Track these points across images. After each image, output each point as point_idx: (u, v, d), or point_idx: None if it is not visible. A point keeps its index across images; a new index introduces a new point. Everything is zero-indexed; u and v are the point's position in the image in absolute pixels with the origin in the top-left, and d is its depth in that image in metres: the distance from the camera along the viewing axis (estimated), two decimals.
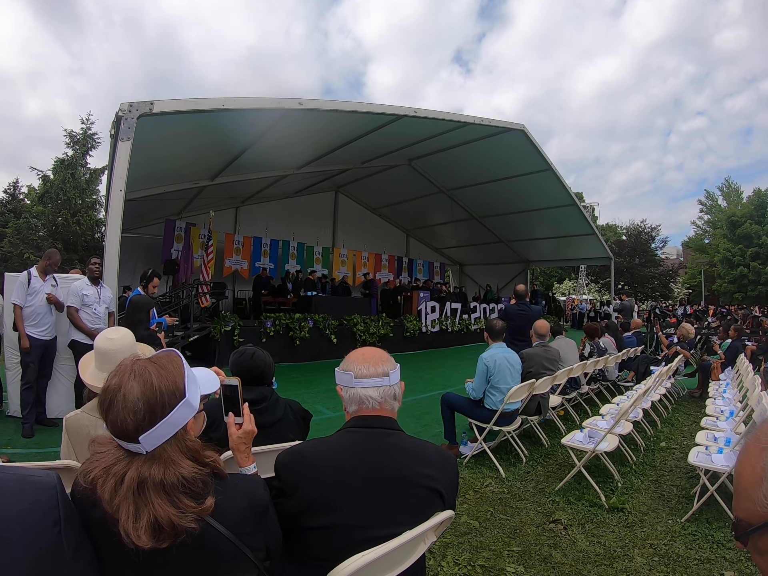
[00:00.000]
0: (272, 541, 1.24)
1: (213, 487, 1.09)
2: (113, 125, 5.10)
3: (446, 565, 2.66)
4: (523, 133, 10.77)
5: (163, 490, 1.02)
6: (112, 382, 1.08)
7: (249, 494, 1.17)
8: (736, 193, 39.35)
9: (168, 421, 1.06)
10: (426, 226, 18.92)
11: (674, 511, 3.43)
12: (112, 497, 0.99)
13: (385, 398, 1.49)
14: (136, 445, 1.03)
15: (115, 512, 0.97)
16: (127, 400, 1.03)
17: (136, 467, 1.02)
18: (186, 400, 1.10)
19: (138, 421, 1.03)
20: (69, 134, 19.59)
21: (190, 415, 1.13)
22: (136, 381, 1.06)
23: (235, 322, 9.52)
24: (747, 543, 0.80)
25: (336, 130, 9.16)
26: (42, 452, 4.21)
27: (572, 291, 37.15)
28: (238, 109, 6.34)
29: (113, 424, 1.04)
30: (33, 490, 0.91)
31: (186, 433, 1.13)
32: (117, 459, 1.04)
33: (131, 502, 0.99)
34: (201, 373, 1.29)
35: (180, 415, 1.09)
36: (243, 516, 1.13)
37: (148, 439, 1.03)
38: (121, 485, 1.00)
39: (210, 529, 1.05)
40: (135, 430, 1.02)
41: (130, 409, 1.03)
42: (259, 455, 2.00)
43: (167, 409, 1.06)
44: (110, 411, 1.04)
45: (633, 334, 8.85)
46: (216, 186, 10.82)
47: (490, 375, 4.29)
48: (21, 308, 4.62)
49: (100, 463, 1.04)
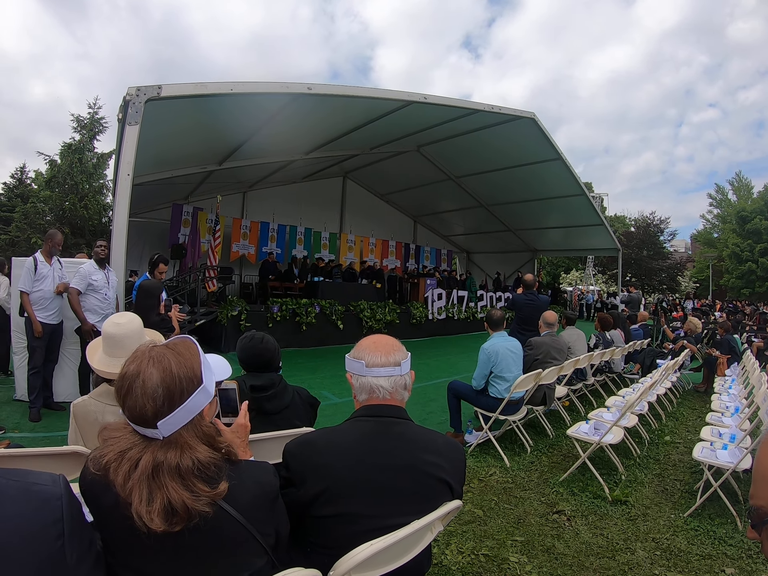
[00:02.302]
0: (282, 527, 1.25)
1: (226, 472, 1.10)
2: (121, 109, 5.06)
3: (450, 554, 2.68)
4: (533, 121, 10.61)
5: (178, 474, 1.03)
6: (129, 369, 1.08)
7: (260, 480, 1.19)
8: (746, 187, 38.76)
9: (186, 407, 1.07)
10: (434, 213, 18.81)
11: (677, 505, 3.44)
12: (126, 481, 0.99)
13: (396, 388, 1.49)
14: (154, 430, 1.04)
15: (127, 496, 0.98)
16: (147, 386, 1.04)
17: (152, 452, 1.03)
18: (203, 387, 1.12)
19: (157, 406, 1.03)
20: (76, 119, 19.46)
21: (206, 401, 1.14)
22: (155, 367, 1.07)
23: (242, 306, 9.54)
24: (762, 531, 0.79)
25: (344, 116, 9.07)
26: (49, 436, 4.24)
27: (579, 281, 36.94)
28: (247, 94, 6.26)
29: (131, 409, 1.04)
30: (37, 501, 0.88)
31: (202, 418, 1.14)
32: (132, 444, 1.05)
33: (145, 486, 0.99)
34: (213, 359, 1.30)
35: (197, 401, 1.10)
36: (254, 501, 1.14)
37: (166, 424, 1.04)
38: (135, 469, 1.00)
39: (223, 513, 1.06)
40: (154, 416, 1.03)
41: (149, 395, 1.03)
42: (266, 441, 2.01)
43: (185, 395, 1.08)
44: (128, 397, 1.05)
45: (640, 327, 8.82)
46: (223, 171, 10.78)
47: (492, 365, 4.28)
48: (28, 294, 4.62)
49: (114, 447, 1.04)
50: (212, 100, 6.19)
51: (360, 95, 7.63)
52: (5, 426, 4.39)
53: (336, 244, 16.16)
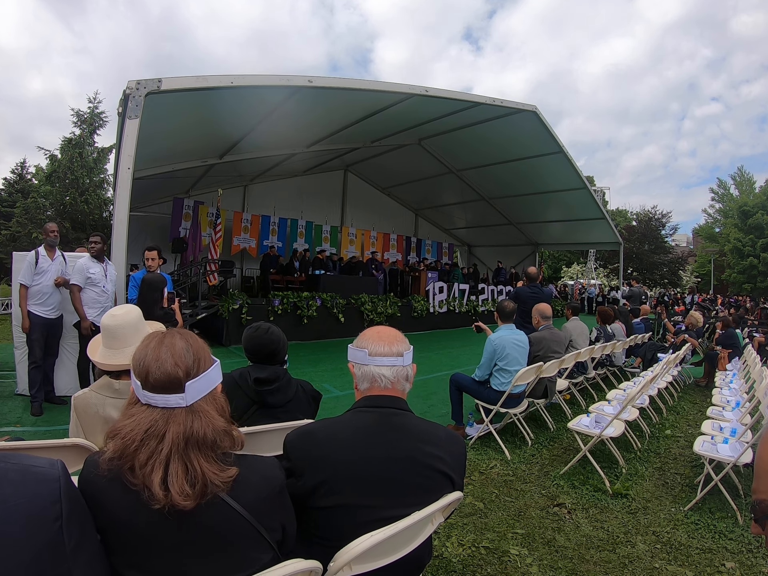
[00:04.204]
0: (289, 523, 1.23)
1: (235, 459, 1.10)
2: (121, 103, 5.04)
3: (450, 546, 2.69)
4: (535, 114, 10.57)
5: (205, 445, 1.03)
6: (150, 344, 1.09)
7: (266, 475, 1.16)
8: (748, 182, 38.61)
9: (208, 375, 1.10)
10: (435, 207, 18.79)
11: (677, 499, 3.44)
12: (149, 457, 0.98)
13: (398, 378, 1.49)
14: (179, 396, 1.04)
15: (148, 474, 0.97)
16: (176, 349, 1.07)
17: (178, 422, 1.02)
18: (217, 364, 1.16)
19: (188, 365, 1.06)
20: (76, 113, 19.38)
21: (220, 378, 1.17)
22: (178, 338, 1.11)
23: (243, 300, 9.55)
24: (766, 526, 0.78)
25: (346, 109, 9.03)
26: (51, 430, 4.26)
27: (581, 275, 36.89)
28: (247, 87, 6.24)
29: (161, 371, 1.04)
30: (35, 482, 0.87)
31: (217, 393, 1.16)
32: (153, 420, 1.03)
33: (175, 459, 0.99)
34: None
35: (215, 373, 1.14)
36: (260, 496, 1.12)
37: (193, 387, 1.05)
38: (161, 443, 1.00)
39: (227, 508, 1.04)
40: (186, 374, 1.05)
41: (179, 355, 1.06)
42: (269, 433, 2.01)
43: (208, 364, 1.11)
44: (156, 364, 1.05)
45: (641, 321, 8.81)
46: (224, 164, 10.77)
47: (498, 357, 4.28)
48: (27, 288, 4.62)
49: (137, 430, 1.01)
50: (213, 93, 6.16)
51: (361, 88, 7.60)
52: (8, 420, 4.40)
53: (337, 238, 16.16)
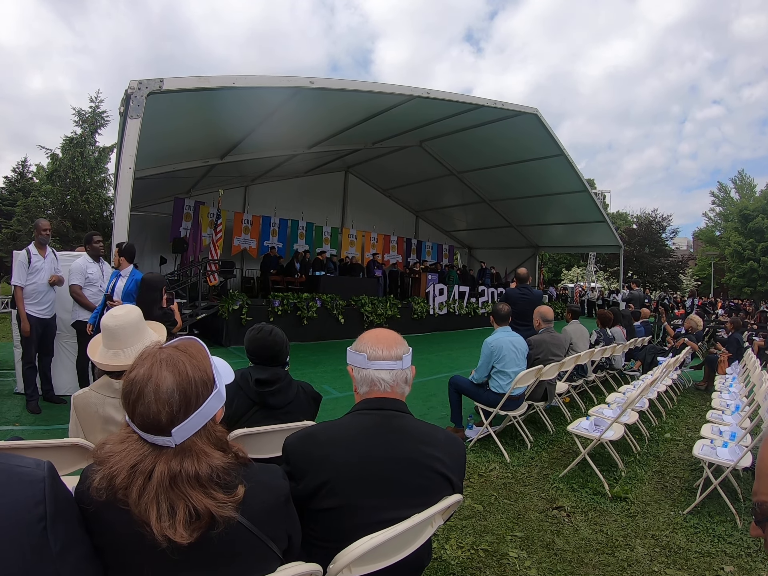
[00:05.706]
0: (295, 532, 1.20)
1: (239, 475, 1.05)
2: (122, 103, 5.05)
3: (449, 548, 2.68)
4: (536, 117, 10.58)
5: (198, 483, 0.97)
6: (139, 372, 1.00)
7: (271, 485, 1.13)
8: (749, 186, 38.77)
9: (201, 412, 1.01)
10: (436, 209, 18.80)
11: (677, 502, 3.44)
12: (140, 495, 0.93)
13: (397, 381, 1.49)
14: (166, 438, 0.97)
15: (143, 512, 0.92)
16: (161, 391, 0.97)
17: (165, 461, 0.97)
18: (218, 390, 1.06)
19: (173, 412, 0.97)
20: (77, 112, 19.46)
21: (219, 405, 1.09)
22: (168, 370, 1.00)
23: (243, 300, 9.57)
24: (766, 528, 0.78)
25: (347, 110, 9.04)
26: (50, 429, 4.26)
27: (581, 278, 36.89)
28: (249, 87, 6.26)
29: (144, 416, 0.97)
30: (18, 483, 0.84)
31: (214, 423, 1.09)
32: (141, 456, 0.97)
33: (164, 498, 0.93)
34: (218, 362, 1.25)
35: (212, 405, 1.04)
36: (266, 507, 1.09)
37: (180, 431, 0.97)
38: (149, 481, 0.94)
39: (232, 521, 1.00)
40: (169, 423, 0.96)
41: (164, 401, 0.96)
42: (270, 434, 2.01)
43: (201, 400, 1.01)
44: (139, 403, 0.97)
45: (641, 324, 8.80)
46: (225, 164, 10.77)
47: (495, 359, 4.27)
48: (22, 289, 4.55)
49: (123, 464, 0.95)
50: (214, 93, 6.17)
51: (363, 89, 7.61)
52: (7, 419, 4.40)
53: (338, 239, 16.16)
